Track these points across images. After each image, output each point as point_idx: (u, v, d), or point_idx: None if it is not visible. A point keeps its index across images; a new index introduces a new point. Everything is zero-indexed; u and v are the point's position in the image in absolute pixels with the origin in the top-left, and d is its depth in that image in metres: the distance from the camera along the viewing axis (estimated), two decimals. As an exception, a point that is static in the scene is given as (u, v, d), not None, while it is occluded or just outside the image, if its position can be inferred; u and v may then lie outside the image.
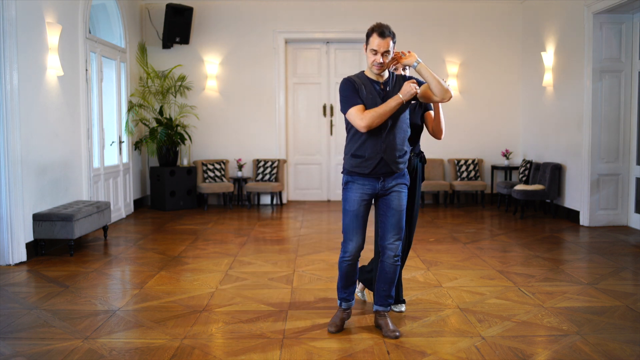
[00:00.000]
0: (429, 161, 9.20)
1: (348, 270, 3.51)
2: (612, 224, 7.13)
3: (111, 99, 7.88)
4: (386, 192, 3.42)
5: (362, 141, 3.35)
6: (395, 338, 3.42)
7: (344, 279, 3.55)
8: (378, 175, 3.37)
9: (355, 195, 3.40)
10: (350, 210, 3.42)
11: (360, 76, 3.43)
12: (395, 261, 3.48)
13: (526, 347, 3.30)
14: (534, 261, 5.38)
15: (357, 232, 3.44)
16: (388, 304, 3.57)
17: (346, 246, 3.47)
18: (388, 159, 3.34)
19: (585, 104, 7.14)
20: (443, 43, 9.31)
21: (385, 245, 3.47)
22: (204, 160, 9.07)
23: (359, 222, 3.43)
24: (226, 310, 3.97)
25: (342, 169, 3.50)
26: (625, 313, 3.88)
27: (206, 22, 9.20)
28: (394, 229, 3.44)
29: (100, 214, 6.26)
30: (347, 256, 3.47)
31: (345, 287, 3.58)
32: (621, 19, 6.94)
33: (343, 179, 3.48)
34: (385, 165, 3.35)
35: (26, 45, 5.49)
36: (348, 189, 3.43)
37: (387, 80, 3.42)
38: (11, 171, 5.27)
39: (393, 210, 3.43)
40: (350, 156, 3.40)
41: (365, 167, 3.35)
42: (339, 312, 3.62)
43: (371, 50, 3.29)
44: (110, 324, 3.71)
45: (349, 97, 3.34)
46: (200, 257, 5.62)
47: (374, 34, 3.28)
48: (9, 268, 5.20)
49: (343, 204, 3.47)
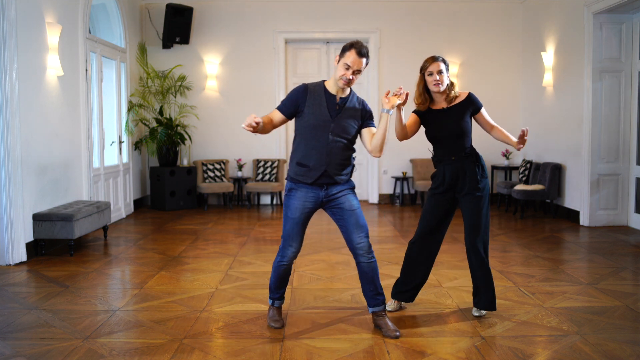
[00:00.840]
0: (429, 161, 9.21)
1: (284, 273, 3.60)
2: (612, 224, 7.14)
3: (111, 99, 7.88)
4: (331, 198, 3.45)
5: (306, 150, 3.39)
6: (395, 338, 3.42)
7: (278, 281, 3.63)
8: (321, 184, 3.41)
9: (298, 203, 3.43)
10: (291, 217, 3.45)
11: (318, 85, 3.45)
12: (369, 259, 3.48)
13: (526, 347, 3.30)
14: (534, 261, 5.38)
15: (296, 239, 3.49)
16: (381, 303, 3.55)
17: (285, 251, 3.52)
18: (331, 171, 3.39)
19: (585, 104, 7.14)
20: (443, 43, 9.31)
21: (355, 246, 3.47)
22: (204, 160, 9.07)
23: (299, 229, 3.47)
24: (226, 310, 3.97)
25: (287, 174, 3.55)
26: (625, 313, 3.88)
27: (206, 22, 9.20)
28: (357, 228, 3.46)
29: (100, 214, 6.26)
30: (285, 261, 3.54)
31: (280, 287, 3.67)
32: (621, 19, 6.94)
33: (286, 186, 3.50)
34: (328, 176, 3.40)
35: (26, 45, 5.49)
36: (291, 196, 3.46)
37: (347, 98, 3.44)
38: (11, 171, 5.27)
39: (348, 212, 3.46)
40: (295, 164, 3.44)
41: (309, 177, 3.39)
42: (273, 310, 3.70)
43: (344, 64, 3.31)
44: (110, 324, 3.71)
45: (285, 101, 3.44)
46: (200, 257, 5.62)
47: (353, 50, 3.30)
48: (9, 268, 5.20)
49: (285, 211, 3.49)
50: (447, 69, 3.72)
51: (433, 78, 3.68)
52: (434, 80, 3.68)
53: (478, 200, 3.71)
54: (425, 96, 3.77)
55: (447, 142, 3.73)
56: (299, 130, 3.44)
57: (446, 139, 3.73)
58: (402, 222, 7.80)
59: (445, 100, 3.77)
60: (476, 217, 3.71)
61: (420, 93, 3.77)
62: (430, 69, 3.69)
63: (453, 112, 3.74)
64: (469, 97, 3.78)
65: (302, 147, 3.41)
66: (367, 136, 3.48)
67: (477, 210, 3.71)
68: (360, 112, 3.46)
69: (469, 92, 3.82)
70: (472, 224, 3.72)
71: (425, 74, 3.73)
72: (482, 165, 3.76)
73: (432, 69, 3.69)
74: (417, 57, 9.31)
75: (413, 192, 9.40)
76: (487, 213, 3.75)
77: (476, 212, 3.71)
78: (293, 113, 3.43)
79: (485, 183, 3.75)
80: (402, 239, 6.52)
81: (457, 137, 3.70)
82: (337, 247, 6.00)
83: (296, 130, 3.47)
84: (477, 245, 3.73)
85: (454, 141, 3.71)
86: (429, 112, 3.80)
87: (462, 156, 3.72)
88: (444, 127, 3.73)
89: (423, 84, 3.76)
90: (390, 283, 4.62)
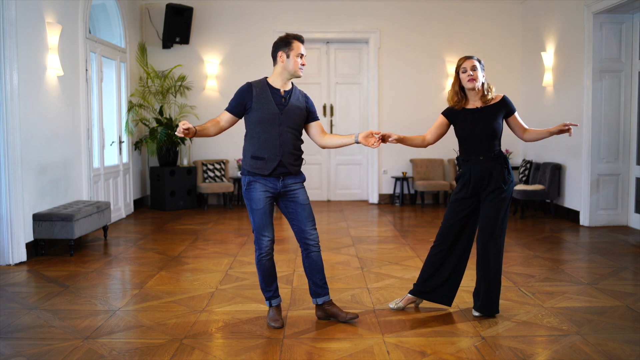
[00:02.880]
0: (429, 161, 9.22)
1: (268, 266, 3.65)
2: (612, 224, 7.14)
3: (111, 99, 7.88)
4: (288, 190, 3.62)
5: (259, 143, 3.57)
6: (355, 318, 3.67)
7: (266, 276, 3.67)
8: (278, 175, 3.58)
9: (260, 194, 3.57)
10: (258, 208, 3.57)
11: (261, 82, 3.63)
12: (319, 249, 3.71)
13: (526, 347, 3.30)
14: (534, 261, 5.38)
15: (268, 228, 3.61)
16: (328, 291, 3.75)
17: (261, 242, 3.61)
18: (285, 161, 3.57)
19: (585, 104, 7.14)
20: (443, 43, 9.31)
21: (307, 237, 3.66)
22: (204, 160, 9.07)
23: (267, 218, 3.60)
24: (226, 310, 3.97)
25: (242, 169, 3.67)
26: (625, 313, 3.88)
27: (206, 22, 9.20)
28: (309, 221, 3.66)
29: (100, 214, 6.26)
30: (264, 252, 3.61)
31: (270, 284, 3.70)
32: (621, 19, 6.94)
33: (244, 180, 3.63)
34: (283, 166, 3.58)
35: (26, 45, 5.49)
36: (252, 189, 3.59)
37: (291, 91, 3.65)
38: (11, 171, 5.27)
39: (301, 205, 3.65)
40: (250, 158, 3.59)
41: (266, 169, 3.55)
42: (272, 310, 3.71)
43: (299, 54, 3.57)
44: (110, 324, 3.71)
45: (232, 101, 3.63)
46: (200, 257, 5.62)
47: (296, 41, 3.58)
48: (9, 268, 5.20)
49: (249, 204, 3.60)
50: (482, 68, 3.74)
51: (467, 74, 3.71)
52: (468, 76, 3.71)
53: (498, 202, 3.69)
54: (460, 95, 3.80)
55: (476, 141, 3.73)
56: (250, 126, 3.62)
57: (476, 138, 3.73)
58: (402, 222, 7.80)
59: (480, 100, 3.79)
60: (492, 217, 3.69)
61: (455, 92, 3.80)
62: (464, 65, 3.73)
63: (486, 112, 3.75)
64: (503, 100, 3.79)
65: (255, 141, 3.58)
66: (315, 130, 3.77)
67: (494, 211, 3.69)
68: (305, 108, 3.68)
69: (504, 95, 3.83)
70: (486, 224, 3.71)
71: (460, 71, 3.76)
72: (509, 169, 3.75)
73: (466, 65, 3.72)
74: (417, 57, 9.35)
75: (413, 192, 9.39)
76: (504, 217, 3.73)
77: (493, 213, 3.69)
78: (241, 111, 3.62)
79: (509, 187, 3.73)
80: (402, 239, 6.52)
81: (487, 137, 3.70)
82: (337, 247, 6.00)
83: (247, 126, 3.66)
84: (487, 246, 3.72)
85: (484, 141, 3.70)
86: (461, 111, 3.81)
87: (490, 157, 3.72)
88: (476, 126, 3.73)
89: (458, 84, 3.79)
90: (391, 283, 4.63)
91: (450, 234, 3.83)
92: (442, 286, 3.90)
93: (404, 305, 3.97)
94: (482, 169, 3.72)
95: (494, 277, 3.75)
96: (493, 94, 3.81)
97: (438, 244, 3.88)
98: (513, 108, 3.80)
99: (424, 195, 9.12)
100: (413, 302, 4.00)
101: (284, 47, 3.57)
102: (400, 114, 9.33)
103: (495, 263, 3.73)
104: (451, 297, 3.92)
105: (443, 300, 3.93)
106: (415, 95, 9.28)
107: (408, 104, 9.31)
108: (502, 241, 3.75)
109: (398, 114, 9.34)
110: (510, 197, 3.76)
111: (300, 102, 3.66)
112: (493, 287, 3.76)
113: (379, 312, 3.91)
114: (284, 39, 3.58)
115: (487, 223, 3.71)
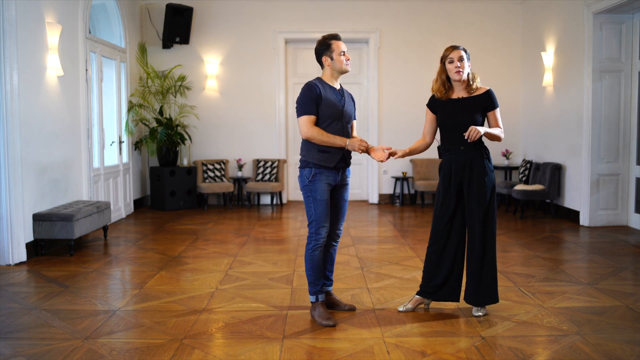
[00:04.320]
0: (429, 161, 9.22)
1: (320, 258, 3.74)
2: (612, 224, 7.14)
3: (111, 99, 7.88)
4: (340, 183, 3.80)
5: None
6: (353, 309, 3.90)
7: (316, 269, 3.73)
8: (339, 168, 3.73)
9: (324, 186, 3.69)
10: (322, 199, 3.69)
11: (320, 81, 3.75)
12: (337, 244, 3.96)
13: (526, 347, 3.30)
14: (534, 261, 5.38)
15: (327, 219, 3.74)
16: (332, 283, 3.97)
17: (320, 233, 3.71)
18: (346, 154, 3.76)
19: (585, 104, 7.14)
20: (443, 43, 9.29)
21: (336, 233, 3.89)
22: (204, 160, 9.08)
23: (328, 209, 3.74)
24: (226, 310, 3.97)
25: (304, 163, 3.73)
26: (625, 313, 3.88)
27: (206, 22, 9.20)
28: (342, 218, 3.90)
29: (100, 214, 6.26)
30: (320, 243, 3.72)
31: (318, 278, 3.75)
32: (621, 19, 6.94)
33: (308, 173, 3.71)
34: (344, 160, 3.75)
35: (26, 45, 5.49)
36: (316, 181, 3.69)
37: (342, 88, 3.83)
38: (11, 171, 5.27)
39: (343, 201, 3.87)
40: (317, 151, 3.69)
41: (331, 161, 3.69)
42: (321, 306, 3.72)
43: (341, 52, 3.71)
44: (110, 324, 3.71)
45: (307, 103, 3.66)
46: (200, 257, 5.62)
47: (335, 41, 3.72)
48: (9, 268, 5.20)
49: (311, 195, 3.70)
50: (468, 58, 3.73)
51: (454, 65, 3.71)
52: (455, 67, 3.70)
53: (483, 193, 3.71)
54: (447, 86, 3.80)
55: (457, 130, 3.72)
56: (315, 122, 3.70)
57: (457, 128, 3.72)
58: (402, 222, 7.80)
59: (464, 90, 3.78)
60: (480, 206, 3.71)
61: (442, 83, 3.80)
62: (451, 56, 3.73)
63: (469, 102, 3.75)
64: (487, 93, 3.78)
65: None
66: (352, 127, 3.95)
67: (481, 201, 3.71)
68: (354, 103, 3.89)
69: (489, 89, 3.81)
70: (476, 215, 3.73)
71: (446, 62, 3.75)
72: (489, 159, 3.78)
73: (453, 56, 3.72)
74: (417, 57, 9.35)
75: (413, 192, 9.39)
76: (491, 204, 3.74)
77: (479, 203, 3.71)
78: (317, 109, 3.69)
79: (490, 177, 3.76)
80: (402, 239, 6.52)
81: (468, 128, 3.66)
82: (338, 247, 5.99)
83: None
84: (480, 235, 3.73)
85: (465, 131, 3.67)
86: (445, 100, 3.81)
87: (470, 147, 3.72)
88: (457, 115, 3.73)
89: (444, 75, 3.79)
90: (391, 283, 4.63)
91: (441, 233, 3.86)
92: (446, 283, 3.90)
93: (413, 306, 3.96)
94: (462, 159, 3.74)
95: (489, 264, 3.76)
96: (478, 83, 3.80)
97: (432, 244, 3.90)
98: (496, 104, 3.78)
99: (424, 195, 9.12)
100: (422, 303, 3.99)
101: (326, 50, 3.72)
102: (400, 114, 9.33)
103: (490, 251, 3.76)
104: (458, 292, 3.92)
105: (450, 296, 3.93)
106: (416, 95, 9.26)
107: (408, 104, 9.31)
108: (492, 232, 3.76)
109: (398, 114, 9.34)
110: (493, 185, 3.78)
111: (351, 99, 3.87)
112: (490, 275, 3.77)
113: (379, 312, 3.91)
114: (323, 43, 3.73)
115: (475, 214, 3.73)
